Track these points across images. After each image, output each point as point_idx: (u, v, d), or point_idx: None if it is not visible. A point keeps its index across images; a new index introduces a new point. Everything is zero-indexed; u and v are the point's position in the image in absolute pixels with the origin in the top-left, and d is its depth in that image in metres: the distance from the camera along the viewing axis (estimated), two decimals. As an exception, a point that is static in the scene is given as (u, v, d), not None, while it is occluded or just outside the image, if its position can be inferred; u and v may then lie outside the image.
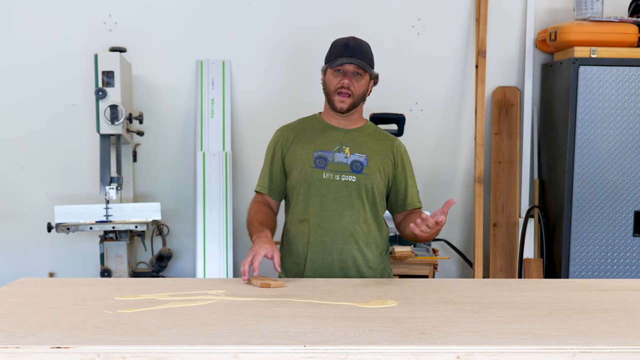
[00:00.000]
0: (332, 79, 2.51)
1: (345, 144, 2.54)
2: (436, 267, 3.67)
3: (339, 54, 2.50)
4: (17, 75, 4.09)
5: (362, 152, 2.54)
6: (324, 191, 2.50)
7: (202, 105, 4.07)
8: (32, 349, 1.54)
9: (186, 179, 4.18)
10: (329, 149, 2.53)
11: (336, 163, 2.52)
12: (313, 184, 2.50)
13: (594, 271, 3.88)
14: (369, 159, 2.53)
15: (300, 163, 2.53)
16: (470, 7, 4.19)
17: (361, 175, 2.51)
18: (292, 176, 2.55)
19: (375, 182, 2.53)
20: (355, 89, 2.50)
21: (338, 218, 2.50)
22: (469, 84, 4.22)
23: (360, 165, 2.52)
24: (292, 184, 2.55)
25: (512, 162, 4.22)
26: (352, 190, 2.50)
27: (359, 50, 2.51)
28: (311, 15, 4.13)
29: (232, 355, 1.53)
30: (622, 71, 3.81)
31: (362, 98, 2.56)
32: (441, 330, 1.70)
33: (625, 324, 1.79)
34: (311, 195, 2.51)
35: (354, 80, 2.50)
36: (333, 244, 2.50)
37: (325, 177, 2.50)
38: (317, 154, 2.52)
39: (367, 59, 2.53)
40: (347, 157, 2.52)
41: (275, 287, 2.22)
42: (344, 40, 2.54)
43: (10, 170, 4.13)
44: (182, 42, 4.13)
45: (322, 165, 2.51)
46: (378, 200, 2.55)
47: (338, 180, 2.50)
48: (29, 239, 4.14)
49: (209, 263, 3.92)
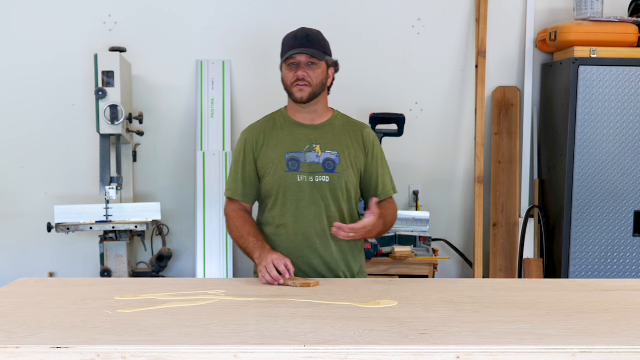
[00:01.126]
0: (288, 73, 2.48)
1: (316, 142, 2.51)
2: (436, 267, 3.68)
3: (289, 47, 2.47)
4: (17, 76, 4.09)
5: (333, 149, 2.51)
6: (299, 195, 2.48)
7: (202, 105, 4.07)
8: (32, 349, 1.54)
9: (186, 179, 4.18)
10: (299, 149, 2.50)
11: (308, 164, 2.49)
12: (289, 188, 2.48)
13: (594, 271, 3.88)
14: (340, 155, 2.51)
15: (272, 167, 2.50)
16: (470, 7, 4.19)
17: (334, 174, 2.49)
18: (265, 180, 2.52)
19: (349, 179, 2.51)
20: (312, 79, 2.46)
21: (316, 222, 2.49)
22: (469, 84, 4.22)
23: (332, 164, 2.50)
24: (267, 189, 2.52)
25: (512, 162, 4.22)
26: (327, 191, 2.49)
27: (309, 39, 2.47)
28: (311, 15, 4.12)
29: (232, 355, 1.53)
30: (622, 71, 3.81)
31: (323, 87, 2.51)
32: (441, 330, 1.70)
33: (625, 324, 1.79)
34: (287, 200, 2.49)
35: (309, 70, 2.46)
36: (314, 248, 2.49)
37: (299, 180, 2.48)
38: (289, 156, 2.49)
39: (319, 46, 2.48)
40: (319, 156, 2.49)
41: (314, 286, 2.25)
42: (293, 33, 2.51)
43: (10, 170, 4.13)
44: (182, 42, 4.13)
45: (295, 167, 2.48)
46: (353, 197, 2.55)
47: (312, 182, 2.48)
48: (29, 239, 4.13)
49: (209, 263, 3.92)
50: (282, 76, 2.51)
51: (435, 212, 4.17)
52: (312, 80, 2.46)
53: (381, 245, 3.56)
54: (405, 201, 4.24)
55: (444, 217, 4.26)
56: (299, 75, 2.45)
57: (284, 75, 2.50)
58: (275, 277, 2.28)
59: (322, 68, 2.49)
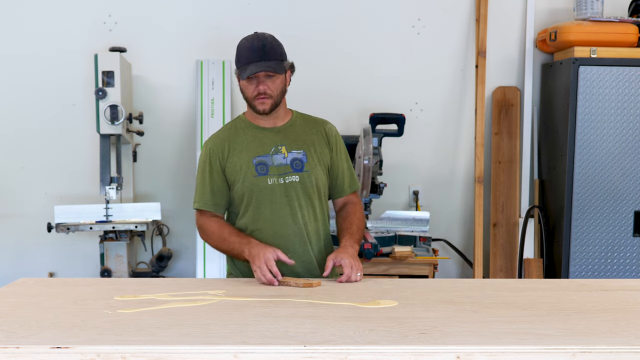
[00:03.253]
0: (248, 86, 2.44)
1: (281, 144, 2.50)
2: (436, 267, 3.67)
3: (247, 60, 2.41)
4: (18, 76, 4.09)
5: (298, 148, 2.50)
6: (272, 198, 2.46)
7: (202, 105, 4.07)
8: (32, 349, 1.54)
9: (186, 179, 4.17)
10: (266, 153, 2.48)
11: (276, 166, 2.48)
12: (260, 192, 2.46)
13: (594, 271, 3.88)
14: (307, 153, 2.50)
15: (241, 173, 2.47)
16: (470, 7, 4.19)
17: (304, 173, 2.48)
18: (236, 188, 2.49)
19: (319, 176, 2.51)
20: (273, 90, 2.43)
21: (291, 222, 2.48)
22: (469, 84, 4.22)
23: (300, 163, 2.48)
24: (238, 195, 2.49)
25: (512, 162, 4.22)
26: (299, 190, 2.48)
27: (264, 50, 2.41)
28: (311, 15, 4.13)
29: (232, 355, 1.53)
30: (622, 71, 3.81)
31: (283, 94, 2.50)
32: (441, 330, 1.70)
33: (625, 324, 1.79)
34: (260, 204, 2.47)
35: (268, 82, 2.42)
36: (293, 250, 2.47)
37: (270, 182, 2.46)
38: (257, 160, 2.47)
39: (276, 55, 2.44)
40: (286, 157, 2.48)
41: (316, 286, 2.24)
42: (247, 43, 2.44)
43: (10, 170, 4.13)
44: (182, 42, 4.13)
45: (264, 171, 2.46)
46: (323, 193, 2.55)
47: (283, 183, 2.47)
48: (29, 239, 4.14)
49: (209, 263, 3.92)
50: (241, 87, 2.47)
51: (435, 212, 4.17)
52: (272, 92, 2.43)
53: (381, 245, 3.56)
54: (405, 201, 4.24)
55: (444, 217, 4.26)
56: (260, 89, 2.42)
57: (244, 88, 2.45)
58: (270, 279, 2.28)
59: (281, 78, 2.46)
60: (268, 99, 2.43)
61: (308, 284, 2.25)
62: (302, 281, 2.27)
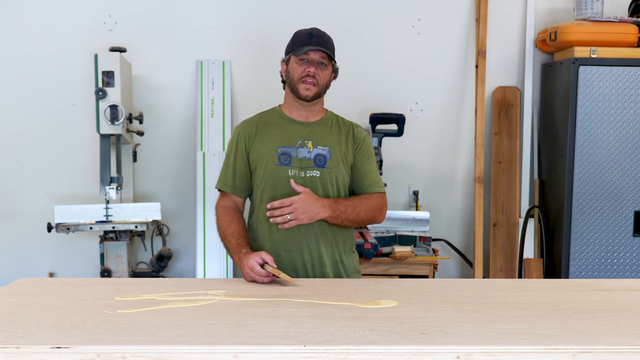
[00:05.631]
0: (297, 68, 2.48)
1: (307, 138, 2.52)
2: (436, 267, 3.67)
3: (303, 43, 2.47)
4: (18, 76, 4.09)
5: (324, 145, 2.52)
6: (290, 189, 2.46)
7: (202, 105, 4.07)
8: (32, 349, 1.54)
9: (186, 179, 4.18)
10: (291, 145, 2.51)
11: (300, 159, 2.50)
12: (279, 182, 2.48)
13: (594, 271, 3.88)
14: (332, 151, 2.51)
15: (264, 160, 2.50)
16: (470, 7, 4.19)
17: (325, 169, 2.49)
18: (257, 174, 2.53)
19: (340, 175, 2.52)
20: (320, 78, 2.48)
21: None
22: (469, 84, 4.22)
23: (323, 159, 2.50)
24: (258, 182, 2.53)
25: (512, 162, 4.22)
26: (318, 185, 2.49)
27: (323, 40, 2.49)
28: (311, 15, 4.13)
29: (232, 355, 1.53)
30: (622, 71, 3.81)
31: (327, 88, 2.53)
32: (441, 330, 1.70)
33: (625, 324, 1.79)
34: (277, 193, 2.48)
35: (318, 69, 2.47)
36: (303, 243, 2.49)
37: (290, 174, 2.48)
38: (281, 150, 2.50)
39: (331, 49, 2.51)
40: (310, 152, 2.50)
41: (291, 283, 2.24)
42: (308, 30, 2.52)
43: (10, 170, 4.13)
44: (182, 42, 4.13)
45: (286, 162, 2.49)
46: (342, 192, 2.55)
47: (303, 177, 2.48)
48: (29, 239, 4.14)
49: (209, 263, 3.92)
50: (289, 70, 2.51)
51: (435, 212, 4.17)
52: (320, 79, 2.48)
53: (381, 245, 3.56)
54: (405, 201, 4.24)
55: (444, 217, 4.26)
56: (310, 71, 2.46)
57: (292, 69, 2.49)
58: (258, 272, 2.27)
59: (330, 70, 2.52)
60: (314, 86, 2.47)
61: (287, 278, 2.24)
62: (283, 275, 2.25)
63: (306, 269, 2.50)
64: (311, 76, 2.46)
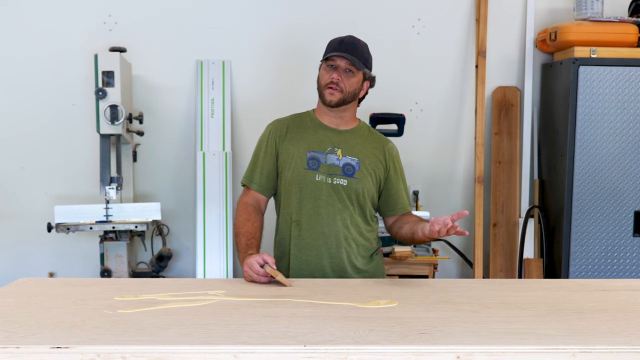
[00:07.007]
0: (324, 74, 2.51)
1: (338, 146, 2.53)
2: (436, 267, 3.67)
3: (333, 49, 2.50)
4: (17, 76, 4.09)
5: (354, 155, 2.53)
6: (316, 194, 2.48)
7: (202, 105, 4.07)
8: (32, 349, 1.54)
9: (186, 179, 4.18)
10: (321, 150, 2.52)
11: (328, 165, 2.50)
12: (306, 186, 2.49)
13: (594, 271, 3.88)
14: (360, 162, 2.52)
15: (292, 163, 2.51)
16: (470, 7, 4.19)
17: (352, 179, 2.50)
18: (283, 176, 2.54)
19: (367, 187, 2.52)
20: (345, 85, 2.49)
21: (330, 222, 2.49)
22: (469, 84, 4.22)
23: (352, 169, 2.51)
24: (284, 184, 2.54)
25: (512, 162, 4.22)
26: (343, 194, 2.50)
27: (353, 47, 2.50)
28: (311, 15, 4.13)
29: (232, 355, 1.53)
30: (622, 71, 3.81)
31: (354, 96, 2.54)
32: (441, 330, 1.70)
33: (625, 324, 1.79)
34: (303, 197, 2.49)
35: (344, 76, 2.49)
36: (325, 248, 2.50)
37: (317, 179, 2.49)
38: (310, 155, 2.51)
39: (361, 57, 2.51)
40: (340, 160, 2.51)
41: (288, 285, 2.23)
42: (340, 38, 2.54)
43: (10, 170, 4.13)
44: (182, 42, 4.13)
45: (314, 167, 2.50)
46: (369, 204, 2.56)
47: (330, 184, 2.49)
48: (29, 239, 4.14)
49: (209, 263, 3.92)
50: (319, 76, 2.54)
51: (435, 212, 4.17)
52: (345, 86, 2.49)
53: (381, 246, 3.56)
54: (405, 201, 4.23)
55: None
56: (334, 77, 2.48)
57: (320, 75, 2.53)
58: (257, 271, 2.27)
59: (358, 77, 2.52)
60: (338, 92, 2.48)
61: (284, 281, 2.24)
62: (280, 276, 2.26)
63: (325, 275, 2.51)
64: (335, 83, 2.47)
